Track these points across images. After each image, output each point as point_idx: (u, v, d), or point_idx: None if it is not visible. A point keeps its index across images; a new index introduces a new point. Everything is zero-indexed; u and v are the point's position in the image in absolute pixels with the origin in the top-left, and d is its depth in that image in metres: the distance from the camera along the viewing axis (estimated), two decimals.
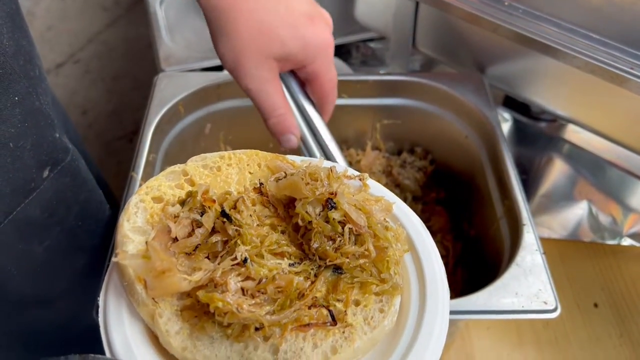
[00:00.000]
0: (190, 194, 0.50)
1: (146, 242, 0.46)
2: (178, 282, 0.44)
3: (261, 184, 0.54)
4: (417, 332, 0.48)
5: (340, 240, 0.47)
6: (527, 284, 0.70)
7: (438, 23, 0.98)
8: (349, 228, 0.47)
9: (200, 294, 0.44)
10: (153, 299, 0.46)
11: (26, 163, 0.61)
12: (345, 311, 0.46)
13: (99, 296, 0.49)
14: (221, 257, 0.46)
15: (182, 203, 0.50)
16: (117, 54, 2.59)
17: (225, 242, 0.47)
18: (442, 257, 0.92)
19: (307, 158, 0.56)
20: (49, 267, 0.68)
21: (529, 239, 0.76)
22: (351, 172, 0.54)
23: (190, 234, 0.47)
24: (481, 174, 0.93)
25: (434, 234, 0.97)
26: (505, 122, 1.18)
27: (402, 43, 1.04)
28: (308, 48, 0.68)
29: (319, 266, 0.47)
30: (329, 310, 0.46)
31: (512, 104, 1.17)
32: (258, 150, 0.56)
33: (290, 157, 0.56)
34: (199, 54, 1.28)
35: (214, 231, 0.48)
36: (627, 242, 1.04)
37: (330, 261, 0.47)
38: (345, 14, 1.38)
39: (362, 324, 0.46)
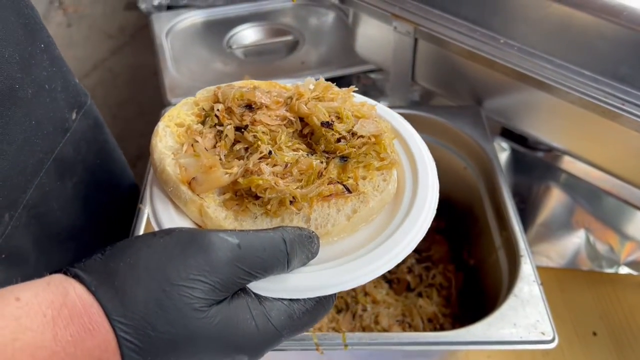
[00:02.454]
0: (208, 114, 0.60)
1: (192, 145, 0.56)
2: (221, 175, 0.53)
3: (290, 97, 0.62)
4: (415, 191, 0.58)
5: (348, 138, 0.57)
6: (525, 315, 0.72)
7: (436, 58, 1.01)
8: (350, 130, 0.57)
9: (241, 180, 0.53)
10: (199, 195, 0.54)
11: (59, 104, 0.69)
12: (356, 183, 0.56)
13: (141, 204, 0.58)
14: (247, 157, 0.55)
15: (202, 123, 0.60)
16: (121, 80, 2.63)
17: (246, 149, 0.56)
18: (445, 288, 0.95)
19: (297, 83, 0.64)
20: (77, 202, 0.75)
21: (527, 269, 0.78)
22: (336, 88, 0.63)
23: (215, 146, 0.57)
24: (479, 205, 0.95)
25: (435, 263, 0.99)
26: (503, 152, 1.21)
27: (402, 76, 1.07)
28: None
29: (327, 157, 0.57)
30: (344, 185, 0.55)
31: (510, 133, 1.20)
32: (274, 82, 0.66)
33: (281, 82, 0.67)
34: (203, 85, 1.31)
35: (235, 142, 0.57)
36: (624, 270, 1.05)
37: (339, 152, 0.56)
38: (347, 46, 1.42)
39: (372, 190, 0.57)
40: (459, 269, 0.99)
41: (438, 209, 1.08)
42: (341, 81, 1.35)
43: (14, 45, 0.59)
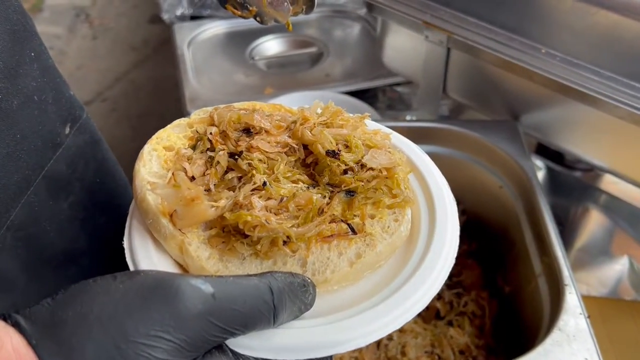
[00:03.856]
0: (200, 137, 0.54)
1: (172, 173, 0.49)
2: (205, 209, 0.46)
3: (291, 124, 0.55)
4: (432, 235, 0.51)
5: (355, 170, 0.51)
6: (572, 352, 0.65)
7: (470, 69, 0.96)
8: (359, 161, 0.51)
9: (228, 214, 0.46)
10: (180, 230, 0.48)
11: (50, 117, 0.64)
12: (363, 223, 0.49)
13: (123, 240, 0.51)
14: (239, 188, 0.49)
15: (194, 147, 0.54)
16: (143, 92, 2.62)
17: (239, 179, 0.50)
18: (478, 317, 0.88)
19: (302, 107, 0.58)
20: (74, 223, 0.70)
21: (572, 300, 0.71)
22: (347, 114, 0.57)
23: (205, 174, 0.50)
24: (517, 227, 0.88)
25: (466, 289, 0.92)
26: (538, 171, 1.14)
27: (432, 89, 1.01)
28: None
29: (331, 191, 0.50)
30: (348, 224, 0.49)
31: (545, 151, 1.13)
32: (280, 104, 0.60)
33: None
34: (224, 96, 1.28)
35: (227, 170, 0.51)
36: None
37: (345, 186, 0.50)
38: (373, 58, 1.37)
39: (381, 232, 0.50)
40: (493, 296, 0.92)
41: (470, 230, 1.02)
42: (366, 94, 1.30)
43: None
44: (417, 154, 0.60)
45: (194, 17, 1.58)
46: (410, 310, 0.45)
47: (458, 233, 0.52)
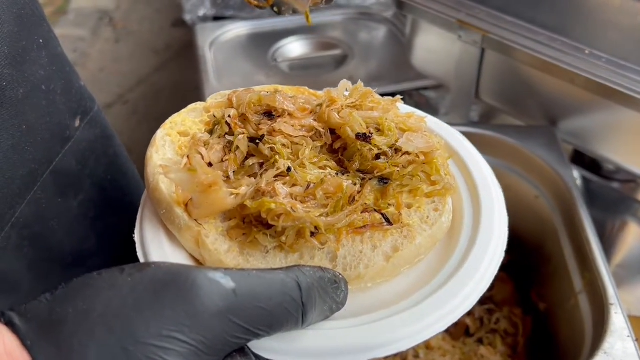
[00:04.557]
0: (217, 121, 0.49)
1: (187, 156, 0.44)
2: (224, 197, 0.42)
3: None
4: (477, 226, 0.47)
5: (389, 155, 0.47)
6: None
7: (506, 71, 0.90)
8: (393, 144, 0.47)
9: (249, 202, 0.42)
10: (196, 221, 0.44)
11: (59, 108, 0.61)
12: (399, 213, 0.45)
13: (134, 233, 0.47)
14: (261, 175, 0.44)
15: (211, 132, 0.50)
16: (164, 96, 2.62)
17: (261, 165, 0.46)
18: (510, 335, 0.82)
19: (329, 88, 0.54)
20: (84, 222, 0.67)
21: (619, 321, 0.65)
22: (378, 96, 0.53)
23: (223, 160, 0.46)
24: (554, 240, 0.82)
25: (498, 305, 0.86)
26: None
27: (464, 92, 0.96)
28: None
29: (363, 178, 0.46)
30: (382, 214, 0.44)
31: (581, 160, 1.07)
32: (300, 87, 0.56)
33: (311, 90, 0.56)
34: None
35: (248, 156, 0.47)
36: None
37: (378, 172, 0.45)
38: (399, 61, 1.32)
39: (419, 223, 0.45)
40: (527, 313, 0.86)
41: None
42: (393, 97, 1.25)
43: (2, 37, 0.52)
44: (457, 138, 0.56)
45: (216, 18, 1.55)
46: (458, 309, 0.41)
47: (507, 224, 0.48)
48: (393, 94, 1.32)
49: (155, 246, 0.45)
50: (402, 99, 0.53)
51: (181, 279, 0.33)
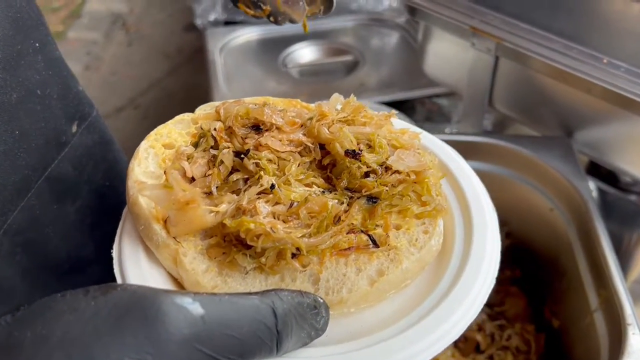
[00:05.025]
0: (203, 134, 0.48)
1: (164, 172, 0.43)
2: (203, 214, 0.41)
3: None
4: (468, 250, 0.45)
5: (379, 173, 0.45)
6: None
7: (520, 80, 0.88)
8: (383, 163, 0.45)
9: (228, 221, 0.40)
10: (174, 238, 0.42)
11: (55, 113, 0.60)
12: (387, 234, 0.43)
13: (112, 249, 0.46)
14: (244, 191, 0.43)
15: (196, 145, 0.48)
16: (175, 100, 2.62)
17: (245, 181, 0.45)
18: (522, 352, 0.79)
19: (320, 102, 0.52)
20: (80, 229, 0.66)
21: (636, 343, 0.62)
22: (371, 111, 0.51)
23: (206, 174, 0.45)
24: (569, 255, 0.79)
25: (510, 321, 0.84)
26: None
27: (477, 100, 0.94)
28: None
29: (350, 197, 0.45)
30: (369, 235, 0.43)
31: (597, 172, 1.04)
32: (295, 100, 0.55)
33: (303, 103, 0.55)
34: None
35: (232, 170, 0.45)
36: None
37: (366, 191, 0.44)
38: (411, 68, 1.30)
39: (407, 245, 0.44)
40: (540, 330, 0.83)
41: (515, 255, 0.93)
42: (403, 105, 1.23)
43: None
44: (451, 156, 0.54)
45: (227, 23, 1.54)
46: (444, 338, 0.39)
47: (499, 248, 0.46)
48: (404, 102, 1.30)
49: (132, 263, 0.43)
50: (396, 114, 0.52)
51: (146, 303, 0.31)
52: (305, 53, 1.44)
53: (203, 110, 0.52)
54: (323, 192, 0.45)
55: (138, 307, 0.31)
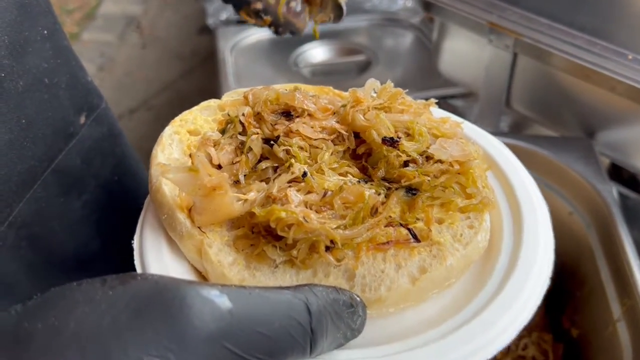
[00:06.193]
0: (230, 120, 0.45)
1: (190, 155, 0.40)
2: (230, 202, 0.38)
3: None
4: (518, 247, 0.42)
5: (419, 163, 0.42)
6: None
7: (539, 78, 0.85)
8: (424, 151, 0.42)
9: (257, 210, 0.37)
10: (199, 228, 0.39)
11: (63, 103, 0.58)
12: (429, 229, 0.40)
13: (133, 239, 0.43)
14: (274, 179, 0.40)
15: (222, 132, 0.46)
16: (188, 102, 2.59)
17: (275, 169, 0.42)
18: None
19: (354, 88, 0.49)
20: (87, 225, 0.64)
21: None
22: (409, 98, 0.48)
23: (234, 162, 0.42)
24: (590, 261, 0.76)
25: (526, 330, 0.80)
26: None
27: (494, 100, 0.91)
28: None
29: (388, 187, 0.41)
30: (409, 229, 0.39)
31: (618, 176, 1.00)
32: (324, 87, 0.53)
33: (336, 90, 0.52)
34: None
35: (261, 158, 0.43)
36: None
37: (406, 181, 0.41)
38: (425, 69, 1.27)
39: (452, 241, 0.40)
40: (558, 340, 0.79)
41: None
42: None
43: (2, 25, 0.49)
44: (496, 147, 0.50)
45: (240, 22, 1.53)
46: (492, 344, 0.35)
47: (553, 248, 0.43)
48: None
49: (154, 255, 0.41)
50: (436, 103, 0.48)
51: (169, 295, 0.29)
52: (316, 53, 1.42)
53: (230, 96, 0.50)
54: (359, 181, 0.42)
55: (160, 299, 0.28)
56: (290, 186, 0.39)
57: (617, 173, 0.99)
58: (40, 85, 0.54)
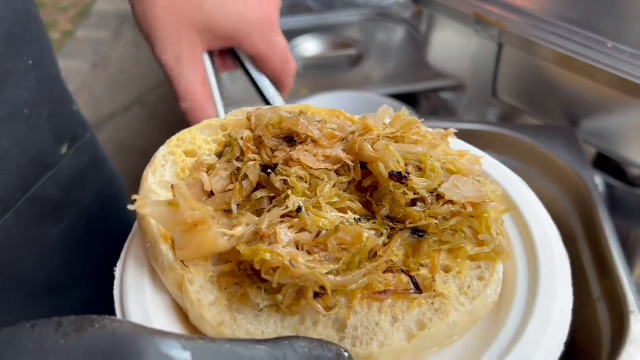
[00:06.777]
0: (229, 143, 0.43)
1: (172, 186, 0.37)
2: (214, 238, 0.35)
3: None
4: (532, 304, 0.37)
5: (429, 202, 0.38)
6: None
7: (524, 68, 0.87)
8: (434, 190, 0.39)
9: (242, 247, 0.34)
10: (182, 262, 0.37)
11: (43, 135, 0.57)
12: (432, 278, 0.37)
13: (115, 267, 0.41)
14: (267, 212, 0.37)
15: (220, 155, 0.43)
16: None
17: (271, 200, 0.39)
18: None
19: (365, 114, 0.47)
20: (63, 251, 0.62)
21: (639, 330, 0.60)
22: (425, 128, 0.44)
23: (227, 189, 0.39)
24: (572, 245, 0.77)
25: None
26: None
27: (481, 90, 0.93)
28: (238, 22, 0.60)
29: (392, 228, 0.38)
30: (410, 277, 0.36)
31: (604, 165, 1.02)
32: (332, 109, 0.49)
33: (347, 114, 0.48)
34: (257, 99, 1.23)
35: (258, 187, 0.40)
36: None
37: (411, 222, 0.37)
38: (416, 63, 1.29)
39: (457, 294, 0.36)
40: None
41: None
42: (408, 99, 1.22)
43: None
44: (517, 186, 0.46)
45: None
46: None
47: (570, 306, 0.39)
48: (408, 95, 1.28)
49: (134, 286, 0.38)
50: (454, 133, 0.45)
51: (126, 350, 0.26)
52: (309, 47, 1.43)
53: (235, 115, 0.47)
54: (359, 219, 0.39)
55: (115, 354, 0.26)
56: (283, 221, 0.36)
57: (604, 163, 1.01)
58: (18, 116, 0.53)
